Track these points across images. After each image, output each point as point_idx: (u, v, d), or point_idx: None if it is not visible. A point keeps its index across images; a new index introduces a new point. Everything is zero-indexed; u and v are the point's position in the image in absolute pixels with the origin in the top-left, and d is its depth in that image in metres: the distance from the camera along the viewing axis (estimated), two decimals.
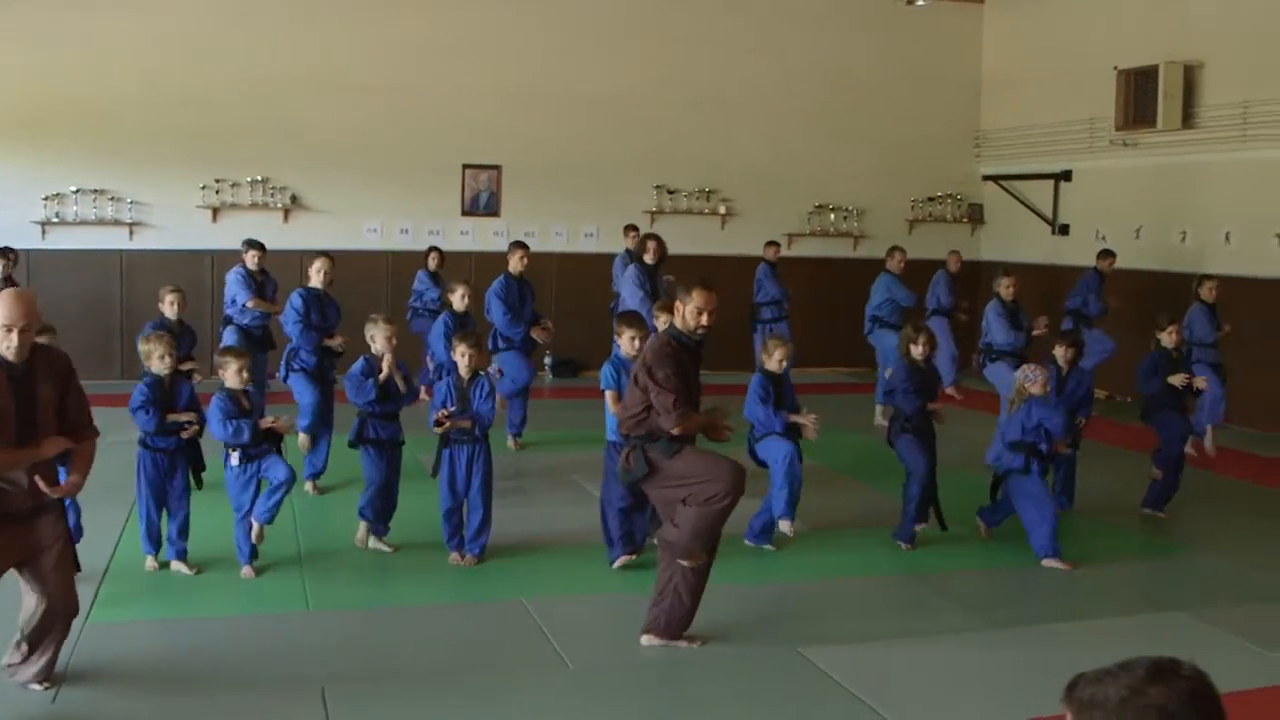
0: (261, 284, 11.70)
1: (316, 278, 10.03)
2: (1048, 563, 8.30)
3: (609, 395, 8.08)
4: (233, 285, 11.57)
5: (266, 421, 7.64)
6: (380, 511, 8.26)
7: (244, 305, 11.47)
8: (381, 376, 8.16)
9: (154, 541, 7.66)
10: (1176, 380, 9.46)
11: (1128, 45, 15.18)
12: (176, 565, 7.68)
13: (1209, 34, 14.41)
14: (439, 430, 7.93)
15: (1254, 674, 6.29)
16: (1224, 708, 1.92)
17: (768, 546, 8.54)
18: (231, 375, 7.65)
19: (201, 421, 7.62)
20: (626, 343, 8.13)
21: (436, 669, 6.34)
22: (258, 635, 6.74)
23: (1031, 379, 8.72)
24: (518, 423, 11.60)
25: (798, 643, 6.67)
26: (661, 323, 8.27)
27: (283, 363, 10.05)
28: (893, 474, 8.56)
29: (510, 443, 11.50)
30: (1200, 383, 9.63)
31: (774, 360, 8.65)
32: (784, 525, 8.40)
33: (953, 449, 8.59)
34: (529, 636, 6.78)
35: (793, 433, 8.48)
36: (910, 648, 6.75)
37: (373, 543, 8.28)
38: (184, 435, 7.53)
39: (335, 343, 10.00)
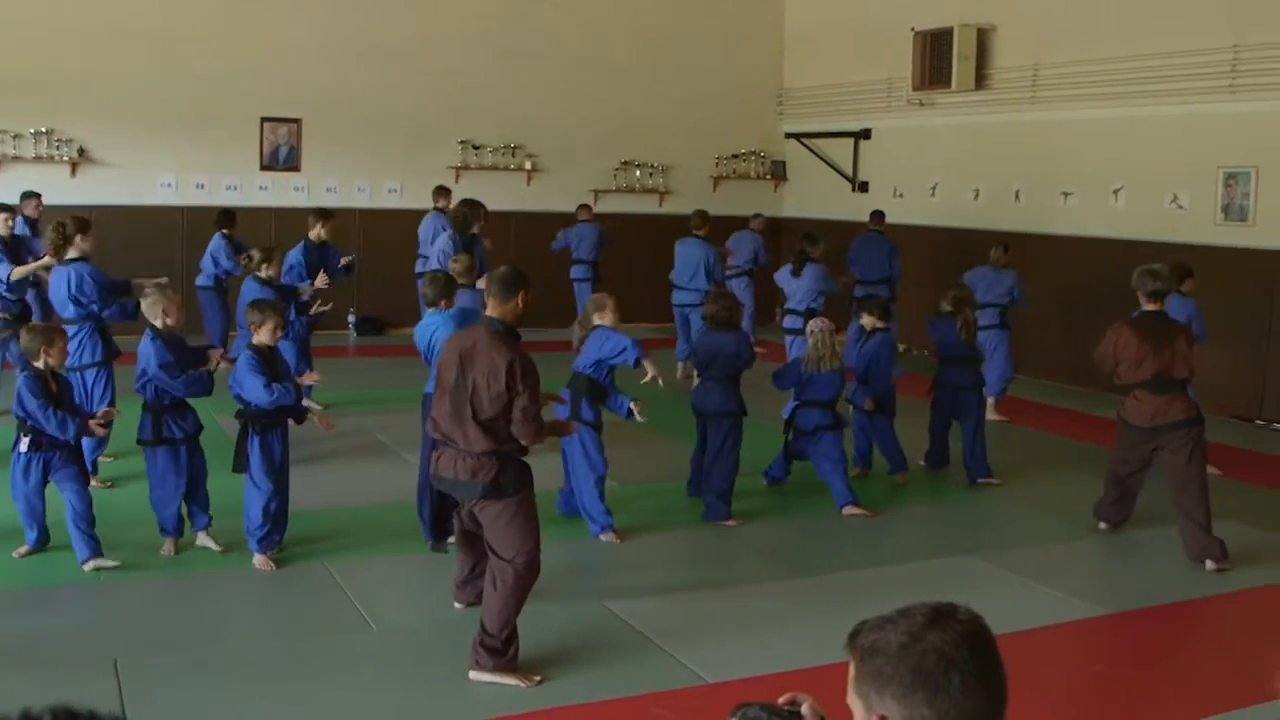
0: (12, 248, 10.41)
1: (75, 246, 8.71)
2: (848, 510, 8.50)
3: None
4: None
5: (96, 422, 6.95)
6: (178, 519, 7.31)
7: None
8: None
9: None
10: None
11: (924, 7, 15.52)
12: None
13: None
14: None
15: (1037, 613, 6.60)
16: (998, 648, 2.00)
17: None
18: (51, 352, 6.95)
19: None
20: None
21: (236, 636, 6.20)
22: (44, 608, 6.47)
23: (820, 332, 8.81)
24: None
25: (603, 596, 6.72)
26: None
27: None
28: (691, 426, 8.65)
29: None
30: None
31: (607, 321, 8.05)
32: (606, 536, 7.85)
33: (750, 404, 8.68)
34: (332, 600, 6.66)
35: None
36: (714, 598, 6.87)
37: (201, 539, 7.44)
38: None
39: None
